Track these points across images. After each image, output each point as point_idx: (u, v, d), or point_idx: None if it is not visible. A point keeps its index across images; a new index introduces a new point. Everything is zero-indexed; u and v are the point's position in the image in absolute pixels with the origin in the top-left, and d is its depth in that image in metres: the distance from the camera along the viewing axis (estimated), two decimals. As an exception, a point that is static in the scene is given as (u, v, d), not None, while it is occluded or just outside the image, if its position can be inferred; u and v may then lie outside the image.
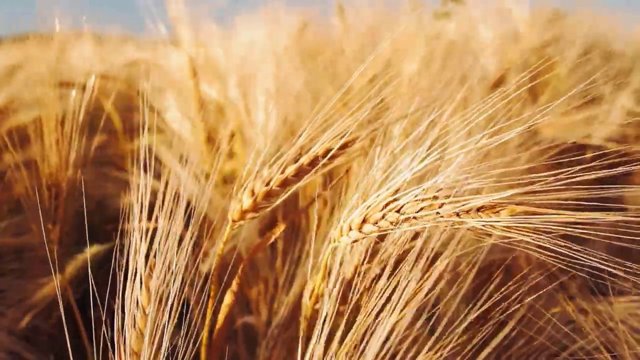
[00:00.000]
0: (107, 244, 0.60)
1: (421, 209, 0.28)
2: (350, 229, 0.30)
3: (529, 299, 0.31)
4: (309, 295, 0.33)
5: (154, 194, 0.30)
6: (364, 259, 0.34)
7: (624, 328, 0.37)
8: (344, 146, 0.31)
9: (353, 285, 0.31)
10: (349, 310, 0.29)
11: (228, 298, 0.32)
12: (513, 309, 0.30)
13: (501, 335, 0.31)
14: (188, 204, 0.30)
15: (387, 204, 0.29)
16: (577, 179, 0.25)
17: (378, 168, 0.31)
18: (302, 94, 0.60)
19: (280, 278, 0.52)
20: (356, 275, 0.32)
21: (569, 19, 0.81)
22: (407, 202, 0.28)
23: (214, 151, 0.62)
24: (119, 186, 0.78)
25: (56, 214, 0.48)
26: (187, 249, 0.29)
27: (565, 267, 0.24)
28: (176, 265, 0.29)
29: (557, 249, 0.25)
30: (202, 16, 0.71)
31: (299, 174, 0.32)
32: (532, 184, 0.27)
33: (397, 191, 0.29)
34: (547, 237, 0.25)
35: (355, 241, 0.30)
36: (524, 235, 0.26)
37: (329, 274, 0.32)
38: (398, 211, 0.29)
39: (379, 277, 0.30)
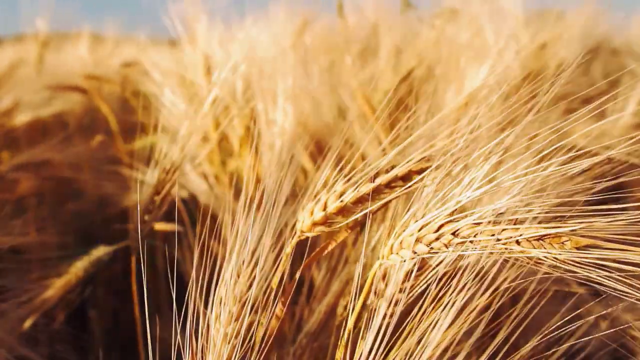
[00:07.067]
0: (113, 245, 0.58)
1: (479, 233, 0.27)
2: (402, 248, 0.29)
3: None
4: (350, 311, 0.33)
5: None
6: (410, 276, 0.33)
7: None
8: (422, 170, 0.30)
9: (400, 302, 0.30)
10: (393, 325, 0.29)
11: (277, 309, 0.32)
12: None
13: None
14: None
15: (442, 225, 0.28)
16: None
17: (433, 186, 0.30)
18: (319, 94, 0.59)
19: (314, 285, 0.51)
20: (402, 292, 0.31)
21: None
22: (464, 225, 0.27)
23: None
24: (119, 185, 0.77)
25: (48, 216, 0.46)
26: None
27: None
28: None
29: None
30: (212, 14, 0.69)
31: (374, 193, 0.31)
32: (597, 216, 0.25)
33: (453, 212, 0.28)
34: (618, 275, 0.23)
35: (405, 260, 0.29)
36: (589, 271, 0.24)
37: (375, 290, 0.32)
38: (454, 234, 0.28)
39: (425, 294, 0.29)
